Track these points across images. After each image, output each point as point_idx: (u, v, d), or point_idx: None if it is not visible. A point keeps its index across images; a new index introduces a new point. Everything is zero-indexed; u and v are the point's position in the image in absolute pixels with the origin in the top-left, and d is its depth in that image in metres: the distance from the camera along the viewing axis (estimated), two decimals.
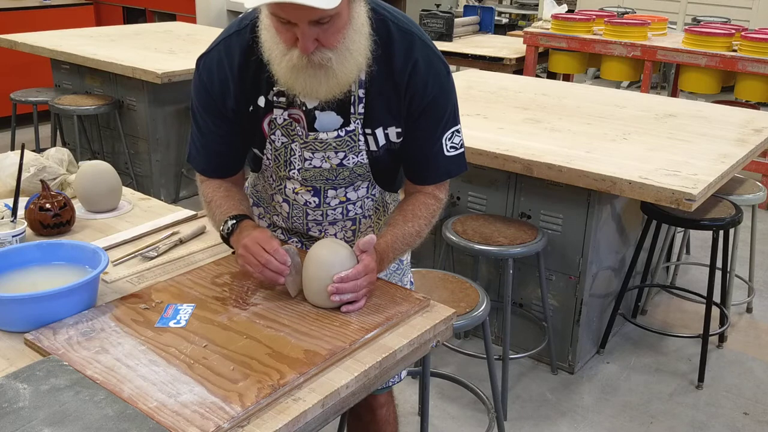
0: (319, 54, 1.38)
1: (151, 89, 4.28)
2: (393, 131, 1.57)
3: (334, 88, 1.44)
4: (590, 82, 7.28)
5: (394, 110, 1.55)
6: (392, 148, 1.60)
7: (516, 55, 5.17)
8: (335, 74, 1.41)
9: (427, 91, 1.53)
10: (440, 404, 2.74)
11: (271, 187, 1.71)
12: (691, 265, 3.89)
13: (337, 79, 1.42)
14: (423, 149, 1.60)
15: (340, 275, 1.42)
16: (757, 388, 2.90)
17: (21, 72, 5.83)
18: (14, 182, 1.80)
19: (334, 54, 1.39)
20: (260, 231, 1.51)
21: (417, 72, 1.52)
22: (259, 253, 1.45)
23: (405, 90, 1.52)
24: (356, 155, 1.58)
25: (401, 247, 1.59)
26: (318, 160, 1.58)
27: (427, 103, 1.55)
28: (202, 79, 1.57)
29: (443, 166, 1.62)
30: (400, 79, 1.52)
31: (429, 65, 1.53)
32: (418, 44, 1.53)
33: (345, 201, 1.67)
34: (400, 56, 1.51)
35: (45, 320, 1.36)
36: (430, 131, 1.58)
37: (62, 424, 1.10)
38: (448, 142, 1.60)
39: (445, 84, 1.57)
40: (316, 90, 1.44)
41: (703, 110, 3.40)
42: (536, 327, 3.00)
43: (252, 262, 1.46)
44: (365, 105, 1.53)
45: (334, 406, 1.25)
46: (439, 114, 1.58)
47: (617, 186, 2.42)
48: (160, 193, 4.54)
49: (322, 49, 1.38)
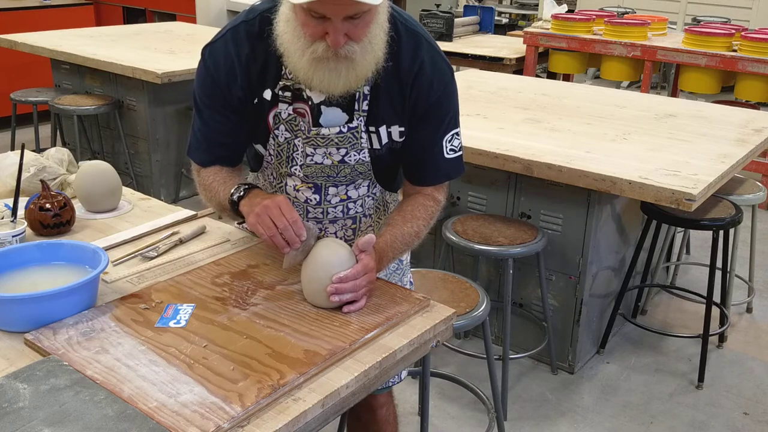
0: (347, 47, 1.39)
1: (151, 89, 4.28)
2: (396, 130, 1.58)
3: (352, 81, 1.45)
4: (590, 82, 7.28)
5: (399, 109, 1.55)
6: (394, 147, 1.60)
7: (516, 55, 5.17)
8: (356, 67, 1.42)
9: (431, 92, 1.54)
10: (440, 404, 2.74)
11: (272, 185, 1.71)
12: (691, 265, 3.89)
13: (357, 72, 1.43)
14: (424, 150, 1.60)
15: (339, 275, 1.42)
16: (757, 388, 2.90)
17: (21, 72, 5.83)
18: (14, 182, 1.80)
19: (359, 47, 1.40)
20: (283, 197, 1.48)
21: (423, 72, 1.52)
22: (278, 216, 1.43)
23: (410, 89, 1.53)
24: (358, 152, 1.58)
25: (400, 247, 1.59)
26: (320, 156, 1.58)
27: (431, 104, 1.55)
28: (208, 68, 1.56)
29: (443, 168, 1.63)
30: (406, 78, 1.52)
31: (434, 66, 1.54)
32: (425, 45, 1.54)
33: (346, 199, 1.67)
34: (408, 56, 1.52)
35: (45, 320, 1.36)
36: (431, 132, 1.59)
37: (62, 424, 1.10)
38: (449, 144, 1.61)
39: (449, 86, 1.58)
40: (335, 83, 1.44)
41: (703, 110, 3.40)
42: (536, 327, 3.00)
43: (267, 224, 1.44)
44: (370, 102, 1.54)
45: (334, 406, 1.25)
46: (442, 116, 1.58)
47: (617, 186, 2.42)
48: (160, 193, 4.55)
49: (350, 42, 1.39)
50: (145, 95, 4.35)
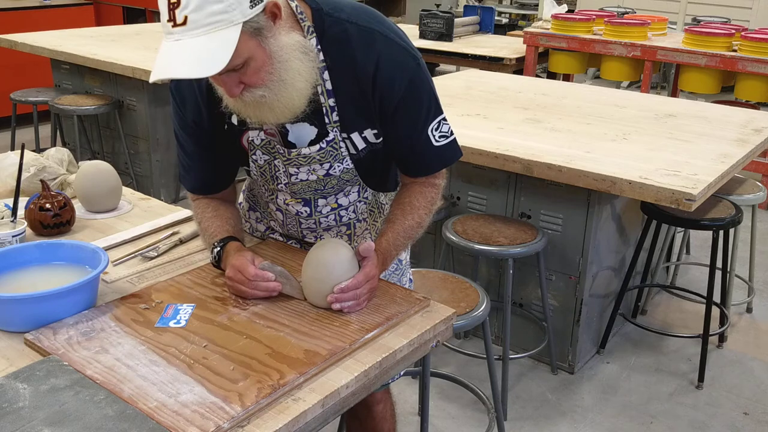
0: (249, 94, 1.36)
1: (151, 89, 4.28)
2: (370, 133, 1.54)
3: (282, 114, 1.42)
4: (590, 82, 7.28)
5: (366, 113, 1.50)
6: (375, 148, 1.57)
7: (516, 55, 5.16)
8: (275, 106, 1.39)
9: (395, 88, 1.47)
10: (440, 404, 2.74)
11: (264, 196, 1.71)
12: (691, 265, 3.89)
13: (281, 108, 1.40)
14: (409, 144, 1.55)
15: (341, 286, 1.41)
16: (757, 388, 2.90)
17: (21, 72, 5.83)
18: (14, 182, 1.80)
19: (265, 90, 1.36)
20: (238, 257, 1.49)
21: (381, 70, 1.45)
22: (243, 281, 1.46)
23: (372, 90, 1.47)
24: (341, 162, 1.55)
25: (403, 242, 1.58)
26: (304, 174, 1.57)
27: (399, 98, 1.49)
28: (176, 101, 1.58)
29: (435, 156, 1.58)
30: (365, 80, 1.46)
31: (392, 61, 1.46)
32: (379, 41, 1.45)
33: (336, 207, 1.66)
34: (362, 57, 1.45)
35: (45, 320, 1.36)
36: (411, 126, 1.53)
37: (62, 424, 1.10)
38: (435, 132, 1.55)
39: (416, 76, 1.50)
40: (267, 119, 1.43)
41: (704, 110, 3.40)
42: (536, 327, 3.00)
43: (240, 290, 1.47)
44: (338, 113, 1.50)
45: (334, 406, 1.25)
46: (417, 108, 1.52)
47: (617, 186, 2.42)
48: (160, 193, 4.54)
49: (250, 89, 1.36)
50: (145, 95, 4.35)
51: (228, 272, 1.49)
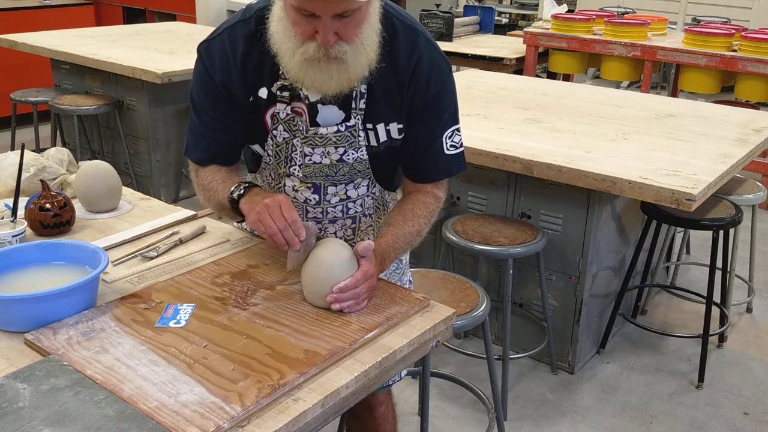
0: (337, 47, 1.39)
1: (151, 89, 4.28)
2: (395, 127, 1.58)
3: (344, 82, 1.45)
4: (590, 82, 7.28)
5: (397, 106, 1.55)
6: (393, 144, 1.60)
7: (516, 55, 5.17)
8: (347, 69, 1.42)
9: (429, 88, 1.54)
10: (440, 404, 2.74)
11: (270, 186, 1.70)
12: (691, 265, 3.89)
13: (348, 74, 1.43)
14: (423, 147, 1.60)
15: (339, 286, 1.41)
16: (757, 388, 2.90)
17: (21, 72, 5.83)
18: (14, 182, 1.80)
19: (350, 48, 1.40)
20: (284, 196, 1.48)
21: (420, 68, 1.52)
22: (278, 216, 1.42)
23: (408, 85, 1.53)
24: (356, 151, 1.58)
25: (402, 247, 1.59)
26: (318, 156, 1.58)
27: (429, 100, 1.55)
28: (204, 64, 1.56)
29: (443, 164, 1.63)
30: (403, 75, 1.52)
31: (432, 62, 1.54)
32: (422, 41, 1.54)
33: (345, 198, 1.67)
34: (404, 52, 1.52)
35: (45, 320, 1.36)
36: (431, 129, 1.59)
37: (62, 424, 1.10)
38: (449, 140, 1.61)
39: (447, 82, 1.58)
40: (326, 84, 1.44)
41: (703, 110, 3.40)
42: (536, 327, 3.00)
43: (268, 223, 1.43)
44: (367, 101, 1.54)
45: (334, 406, 1.25)
46: (441, 111, 1.58)
47: (617, 186, 2.42)
48: (160, 193, 4.54)
49: (340, 42, 1.39)
50: (145, 95, 4.35)
51: (269, 201, 1.44)
